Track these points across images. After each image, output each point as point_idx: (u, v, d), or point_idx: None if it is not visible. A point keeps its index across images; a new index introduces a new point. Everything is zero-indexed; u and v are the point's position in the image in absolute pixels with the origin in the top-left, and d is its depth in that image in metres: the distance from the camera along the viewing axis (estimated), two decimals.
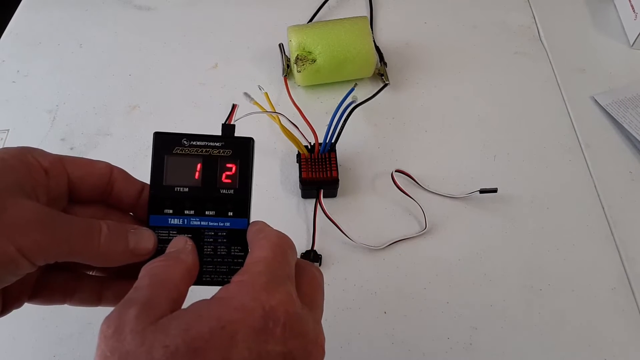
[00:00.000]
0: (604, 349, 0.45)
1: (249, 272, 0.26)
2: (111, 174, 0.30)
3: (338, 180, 0.51)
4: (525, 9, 0.71)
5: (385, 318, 0.46)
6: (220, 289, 0.25)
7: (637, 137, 0.56)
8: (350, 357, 0.44)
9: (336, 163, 0.52)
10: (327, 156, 0.52)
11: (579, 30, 0.69)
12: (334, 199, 0.53)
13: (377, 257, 0.50)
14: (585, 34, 0.68)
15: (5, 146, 0.58)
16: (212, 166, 0.30)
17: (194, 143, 0.31)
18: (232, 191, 0.30)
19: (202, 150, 0.31)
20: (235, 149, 0.31)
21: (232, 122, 0.33)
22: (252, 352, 0.23)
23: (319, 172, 0.51)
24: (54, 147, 0.58)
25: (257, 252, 0.27)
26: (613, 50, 0.66)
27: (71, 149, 0.58)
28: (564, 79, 0.63)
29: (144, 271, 0.26)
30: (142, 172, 0.32)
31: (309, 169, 0.51)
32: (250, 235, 0.30)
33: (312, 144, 0.53)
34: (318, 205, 0.51)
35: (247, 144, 0.31)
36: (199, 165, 0.30)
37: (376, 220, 0.52)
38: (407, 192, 0.52)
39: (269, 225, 0.30)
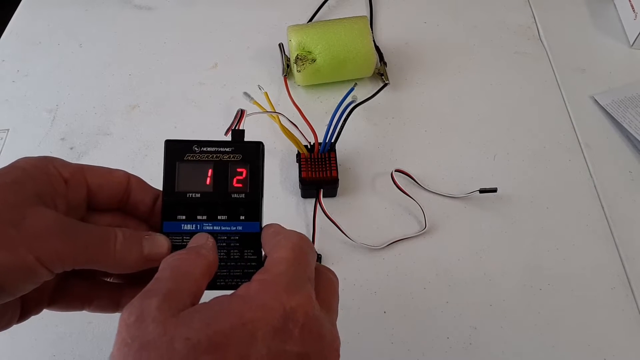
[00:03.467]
0: (604, 349, 0.45)
1: (271, 272, 0.26)
2: (128, 182, 0.31)
3: (338, 180, 0.51)
4: (525, 8, 0.71)
5: (385, 318, 0.46)
6: (241, 287, 0.26)
7: (637, 137, 0.56)
8: (350, 357, 0.44)
9: (336, 163, 0.52)
10: (327, 156, 0.52)
11: (579, 30, 0.69)
12: (334, 198, 0.53)
13: (377, 256, 0.50)
14: (585, 34, 0.68)
15: (5, 146, 0.58)
16: (223, 171, 0.31)
17: (205, 149, 0.31)
18: (243, 195, 0.31)
19: (213, 155, 0.31)
20: (245, 153, 0.31)
21: (241, 127, 0.33)
22: (270, 351, 0.23)
23: (319, 172, 0.51)
24: (54, 146, 0.58)
25: (278, 252, 0.27)
26: (613, 50, 0.66)
27: (71, 148, 0.58)
28: (564, 79, 0.63)
29: (165, 263, 0.26)
30: (141, 172, 0.32)
31: (309, 169, 0.51)
32: (266, 237, 0.30)
33: (311, 143, 0.53)
34: (318, 205, 0.51)
35: (257, 147, 0.31)
36: (210, 171, 0.31)
37: (376, 220, 0.52)
38: (406, 191, 0.52)
39: (284, 227, 0.30)
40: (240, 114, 0.36)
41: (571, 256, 0.50)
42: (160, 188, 0.31)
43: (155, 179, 0.32)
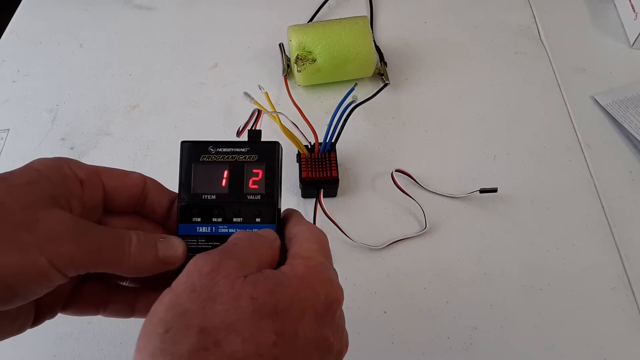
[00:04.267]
0: (604, 348, 0.45)
1: (313, 259, 0.27)
2: (145, 185, 0.30)
3: (338, 180, 0.51)
4: (525, 8, 0.71)
5: (385, 318, 0.46)
6: (284, 266, 0.26)
7: (637, 137, 0.56)
8: (350, 357, 0.44)
9: (336, 163, 0.52)
10: (327, 156, 0.52)
11: (579, 30, 0.69)
12: (334, 198, 0.53)
13: (377, 256, 0.50)
14: (585, 34, 0.68)
15: (5, 146, 0.58)
16: (239, 172, 0.30)
17: (220, 150, 0.30)
18: (259, 197, 0.30)
19: (229, 156, 0.30)
20: (261, 153, 0.30)
21: (257, 128, 0.33)
22: (314, 332, 0.24)
23: (319, 172, 0.51)
24: (54, 146, 0.58)
25: (310, 243, 0.28)
26: (613, 50, 0.66)
27: (71, 148, 0.58)
28: (564, 79, 0.63)
29: (243, 235, 0.27)
30: (142, 171, 0.32)
31: (309, 169, 0.51)
32: (293, 219, 0.30)
33: (312, 143, 0.53)
34: (318, 205, 0.51)
35: (273, 148, 0.31)
36: (225, 172, 0.30)
37: (376, 220, 0.52)
38: (407, 191, 0.52)
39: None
40: (257, 114, 0.36)
41: (571, 256, 0.50)
42: (169, 188, 0.31)
43: (155, 179, 0.32)
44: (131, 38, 0.68)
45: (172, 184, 0.31)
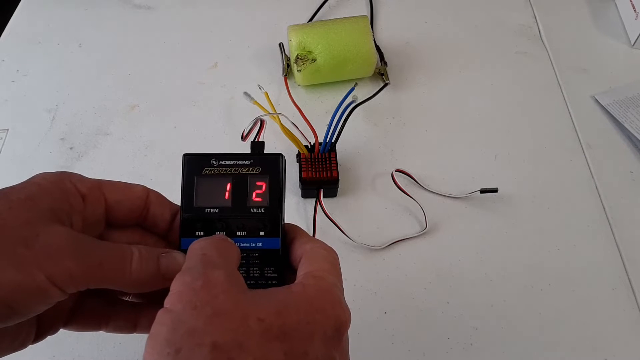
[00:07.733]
0: (604, 349, 0.44)
1: (325, 280, 0.26)
2: (147, 197, 0.30)
3: (338, 180, 0.51)
4: (526, 8, 0.71)
5: (385, 318, 0.46)
6: (295, 284, 0.26)
7: (638, 137, 0.56)
8: (350, 357, 0.44)
9: (336, 163, 0.52)
10: (327, 156, 0.52)
11: (580, 29, 0.69)
12: (334, 198, 0.53)
13: (377, 257, 0.49)
14: (586, 34, 0.68)
15: (4, 146, 0.58)
16: (242, 185, 0.30)
17: (223, 162, 0.30)
18: (262, 210, 0.30)
19: (231, 169, 0.30)
20: (264, 166, 0.30)
21: (260, 139, 0.33)
22: (323, 354, 0.24)
23: (319, 172, 0.51)
24: (54, 146, 0.58)
25: (322, 262, 0.27)
26: (614, 49, 0.66)
27: (71, 148, 0.58)
28: (565, 79, 0.63)
29: (202, 243, 0.26)
30: (141, 172, 0.32)
31: (309, 169, 0.51)
32: (301, 237, 0.30)
33: (312, 143, 0.53)
34: (318, 205, 0.51)
35: (276, 160, 0.30)
36: (228, 185, 0.30)
37: (376, 220, 0.52)
38: (407, 192, 0.52)
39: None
40: (260, 124, 0.35)
41: (572, 256, 0.49)
42: (167, 194, 0.31)
43: (154, 179, 0.32)
44: (131, 38, 0.68)
45: (172, 185, 0.31)
